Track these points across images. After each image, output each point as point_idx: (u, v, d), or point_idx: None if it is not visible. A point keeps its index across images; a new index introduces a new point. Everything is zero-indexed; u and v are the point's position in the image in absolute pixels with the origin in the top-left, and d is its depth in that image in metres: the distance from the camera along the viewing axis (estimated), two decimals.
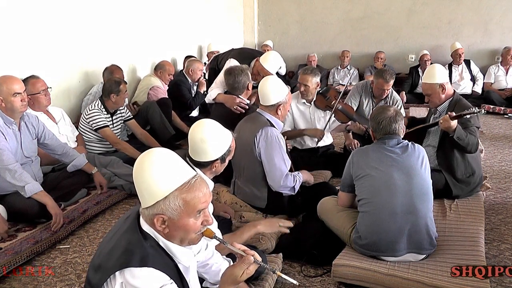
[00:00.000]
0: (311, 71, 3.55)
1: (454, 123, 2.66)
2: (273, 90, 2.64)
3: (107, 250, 1.33)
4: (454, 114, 2.69)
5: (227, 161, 2.02)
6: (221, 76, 3.61)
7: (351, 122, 3.65)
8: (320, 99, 3.61)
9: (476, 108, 2.72)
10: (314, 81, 3.51)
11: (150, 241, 1.32)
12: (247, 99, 3.44)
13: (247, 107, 3.33)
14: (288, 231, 2.31)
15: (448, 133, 2.75)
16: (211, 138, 1.90)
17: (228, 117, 3.03)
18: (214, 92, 3.56)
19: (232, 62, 3.71)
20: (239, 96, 3.33)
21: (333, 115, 3.57)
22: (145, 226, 1.34)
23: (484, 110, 2.98)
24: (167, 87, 4.77)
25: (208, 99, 3.67)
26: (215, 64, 4.16)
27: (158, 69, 4.77)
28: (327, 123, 3.55)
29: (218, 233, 1.95)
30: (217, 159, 1.94)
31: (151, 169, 1.28)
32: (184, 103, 4.68)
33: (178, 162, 1.33)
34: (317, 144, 3.58)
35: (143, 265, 1.25)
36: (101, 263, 1.31)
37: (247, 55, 3.80)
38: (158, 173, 1.28)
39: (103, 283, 1.27)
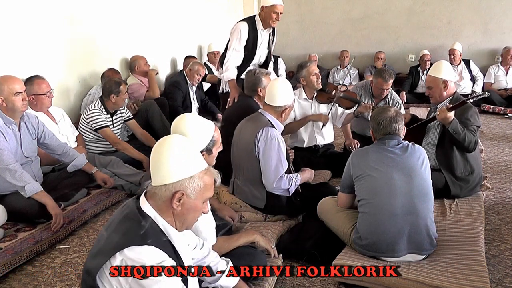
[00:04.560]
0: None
1: (451, 114, 2.69)
2: (284, 92, 2.64)
3: (105, 237, 1.35)
4: (450, 105, 2.73)
5: (215, 152, 1.98)
6: (233, 45, 3.60)
7: (358, 107, 3.59)
8: (320, 94, 3.62)
9: (477, 92, 2.77)
10: None
11: (149, 222, 1.36)
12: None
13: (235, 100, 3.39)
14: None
15: (447, 130, 2.76)
16: (191, 131, 1.87)
17: (242, 115, 2.89)
18: (230, 74, 3.56)
19: (241, 25, 3.62)
20: (253, 97, 3.17)
21: (337, 104, 3.57)
22: (146, 207, 1.38)
23: (488, 93, 3.03)
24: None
25: (225, 78, 3.67)
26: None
27: (134, 66, 4.66)
28: (329, 111, 3.55)
29: (211, 227, 1.97)
30: (201, 151, 1.89)
31: (183, 148, 1.38)
32: (173, 107, 4.56)
33: (198, 150, 1.46)
34: (322, 128, 3.57)
35: (143, 243, 1.29)
36: (100, 248, 1.34)
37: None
38: (189, 153, 1.38)
39: (101, 265, 1.29)
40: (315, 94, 3.62)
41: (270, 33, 3.77)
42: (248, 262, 1.94)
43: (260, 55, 3.80)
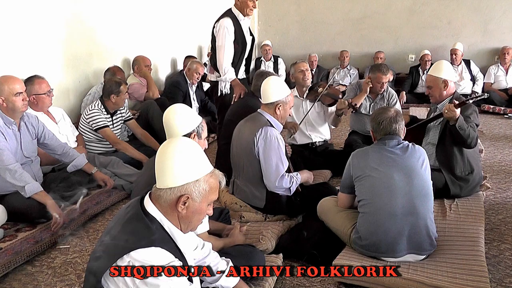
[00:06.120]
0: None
1: (458, 112, 2.71)
2: (274, 88, 2.65)
3: (111, 238, 1.35)
4: (457, 102, 2.74)
5: (203, 138, 2.07)
6: (224, 42, 3.51)
7: (338, 103, 3.58)
8: (310, 92, 3.67)
9: (477, 93, 2.77)
10: None
11: (155, 224, 1.36)
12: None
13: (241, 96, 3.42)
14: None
15: (447, 130, 2.78)
16: (180, 113, 2.02)
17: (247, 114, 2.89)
18: (231, 74, 3.53)
19: (224, 21, 3.57)
20: (260, 98, 3.18)
21: (319, 101, 3.62)
22: (151, 208, 1.38)
23: (487, 94, 3.06)
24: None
25: (227, 79, 3.57)
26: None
27: (134, 65, 4.67)
28: (310, 108, 3.59)
29: (207, 225, 2.03)
30: (192, 132, 2.01)
31: (189, 151, 1.37)
32: None
33: (203, 152, 1.44)
34: (290, 137, 3.67)
35: (150, 245, 1.29)
36: (105, 249, 1.33)
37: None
38: (194, 157, 1.38)
39: (108, 267, 1.28)
40: (306, 91, 3.66)
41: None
42: (247, 261, 1.95)
43: (249, 44, 3.77)
